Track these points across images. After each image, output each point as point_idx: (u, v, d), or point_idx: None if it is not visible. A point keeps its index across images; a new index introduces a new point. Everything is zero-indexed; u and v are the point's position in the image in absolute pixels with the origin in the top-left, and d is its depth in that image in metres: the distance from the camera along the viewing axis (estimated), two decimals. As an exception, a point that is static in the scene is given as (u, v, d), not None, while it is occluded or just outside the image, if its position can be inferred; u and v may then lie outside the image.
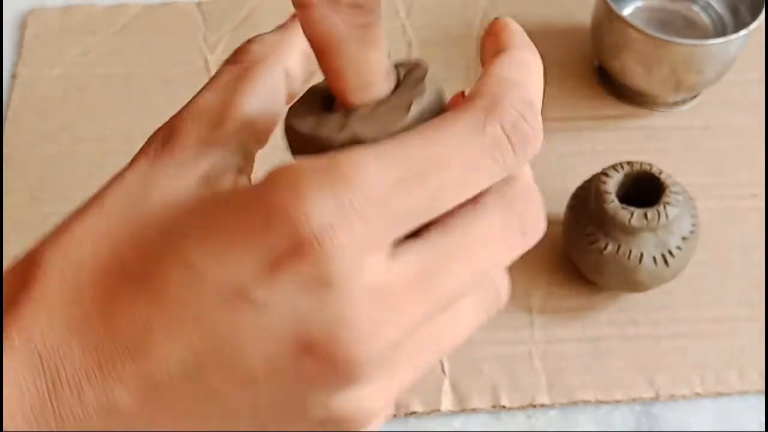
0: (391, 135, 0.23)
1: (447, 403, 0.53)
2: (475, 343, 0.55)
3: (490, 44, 0.27)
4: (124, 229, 0.23)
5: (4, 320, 0.23)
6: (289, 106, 0.26)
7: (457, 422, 0.53)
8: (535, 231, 0.25)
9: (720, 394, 0.54)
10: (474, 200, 0.24)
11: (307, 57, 0.28)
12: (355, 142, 0.24)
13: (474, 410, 0.53)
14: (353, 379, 0.22)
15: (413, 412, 0.53)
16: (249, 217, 0.22)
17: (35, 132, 0.65)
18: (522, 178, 0.25)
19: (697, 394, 0.54)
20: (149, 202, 0.24)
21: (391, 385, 0.24)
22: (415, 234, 0.23)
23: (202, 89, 0.27)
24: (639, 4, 0.69)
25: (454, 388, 0.54)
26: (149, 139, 0.26)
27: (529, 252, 0.64)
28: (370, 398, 0.23)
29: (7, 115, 0.66)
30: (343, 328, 0.21)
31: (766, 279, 0.58)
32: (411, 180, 0.22)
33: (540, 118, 0.24)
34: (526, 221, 0.25)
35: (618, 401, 0.54)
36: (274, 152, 0.28)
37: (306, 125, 0.25)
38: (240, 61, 0.28)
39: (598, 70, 0.69)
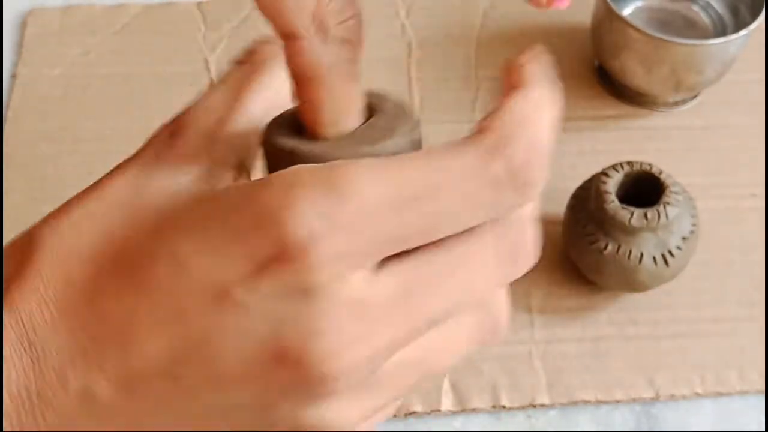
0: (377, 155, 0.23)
1: (447, 403, 0.53)
2: (475, 343, 0.55)
3: (509, 79, 0.26)
4: (120, 218, 0.24)
5: None
6: (266, 125, 0.26)
7: (457, 422, 0.53)
8: (527, 259, 0.25)
9: (720, 394, 0.54)
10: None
11: None
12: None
13: (474, 410, 0.53)
14: (323, 393, 0.22)
15: (413, 412, 0.53)
16: (239, 216, 0.22)
17: (35, 132, 0.65)
18: (521, 210, 0.25)
19: (697, 394, 0.54)
20: (148, 193, 0.24)
21: (367, 403, 0.24)
22: (403, 253, 0.23)
23: (211, 87, 0.28)
24: (639, 4, 0.69)
25: (454, 388, 0.54)
26: (156, 132, 0.26)
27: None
28: (341, 413, 0.23)
29: (7, 115, 0.66)
30: (316, 339, 0.21)
31: (766, 279, 0.58)
32: (405, 203, 0.22)
33: (547, 160, 0.24)
34: (518, 249, 0.25)
35: (618, 401, 0.54)
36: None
37: (290, 144, 0.25)
38: (249, 60, 0.28)
39: (598, 70, 0.69)
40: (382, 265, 0.22)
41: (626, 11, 0.68)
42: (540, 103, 0.25)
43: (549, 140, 0.24)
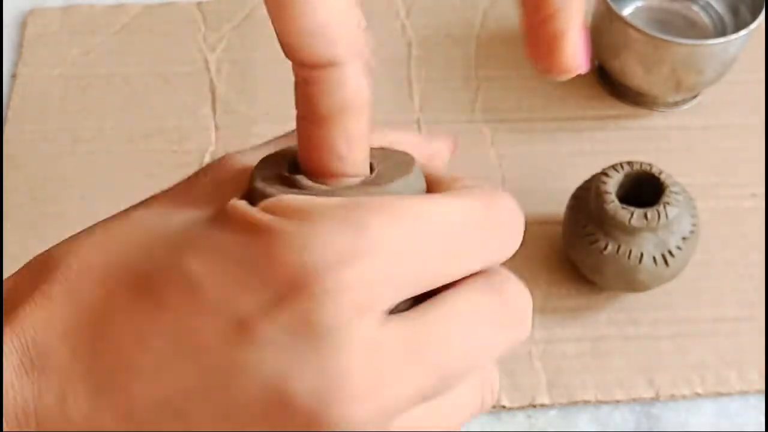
0: None
1: (447, 403, 0.53)
2: (475, 343, 0.55)
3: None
4: (139, 244, 0.23)
5: (5, 316, 0.22)
6: (254, 170, 0.25)
7: (457, 422, 0.53)
8: (525, 325, 0.25)
9: (720, 394, 0.54)
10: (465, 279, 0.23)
11: None
12: None
13: (474, 410, 0.53)
14: None
15: (413, 412, 0.53)
16: (258, 245, 0.21)
17: (35, 132, 0.65)
18: (510, 274, 0.25)
19: (697, 394, 0.54)
20: (173, 220, 0.23)
21: None
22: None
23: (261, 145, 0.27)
24: (639, 4, 0.69)
25: (454, 388, 0.54)
26: (197, 171, 0.26)
27: (529, 252, 0.64)
28: None
29: (7, 115, 0.66)
30: (329, 384, 0.20)
31: (766, 279, 0.58)
32: (424, 243, 0.21)
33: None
34: (518, 312, 0.24)
35: (618, 401, 0.54)
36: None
37: (270, 190, 0.23)
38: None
39: (598, 70, 0.69)
40: (390, 315, 0.21)
41: (626, 11, 0.68)
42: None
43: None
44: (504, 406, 0.53)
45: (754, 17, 0.62)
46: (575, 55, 0.24)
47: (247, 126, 0.65)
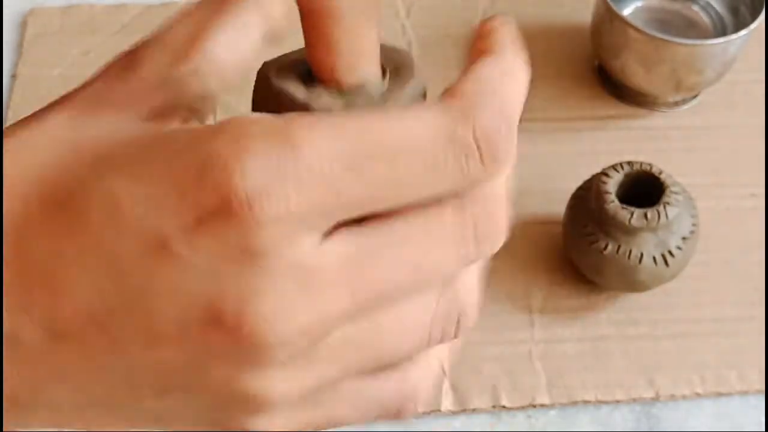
0: None
1: (447, 403, 0.53)
2: (475, 343, 0.55)
3: (479, 43, 0.24)
4: (56, 154, 0.22)
5: None
6: (264, 63, 0.24)
7: (457, 422, 0.53)
8: (492, 240, 0.23)
9: (720, 394, 0.54)
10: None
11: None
12: None
13: (474, 410, 0.53)
14: (258, 359, 0.21)
15: (413, 412, 0.53)
16: (183, 161, 0.20)
17: (35, 132, 0.65)
18: (489, 186, 0.23)
19: (697, 394, 0.54)
20: (91, 128, 0.22)
21: (308, 380, 0.22)
22: (354, 222, 0.21)
23: (174, 20, 0.25)
24: (639, 4, 0.69)
25: (454, 388, 0.54)
26: (109, 64, 0.24)
27: (529, 252, 0.64)
28: (279, 385, 0.22)
29: (7, 115, 0.66)
30: (255, 303, 0.20)
31: (766, 279, 0.58)
32: (362, 163, 0.20)
33: (515, 137, 0.22)
34: (481, 227, 0.23)
35: (618, 401, 0.54)
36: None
37: (299, 93, 0.23)
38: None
39: (598, 70, 0.69)
40: (332, 232, 0.21)
41: (626, 11, 0.68)
42: (511, 71, 0.24)
43: (517, 114, 0.23)
44: (504, 406, 0.53)
45: (754, 17, 0.62)
46: None
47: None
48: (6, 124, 0.66)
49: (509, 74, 0.24)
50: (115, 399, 0.23)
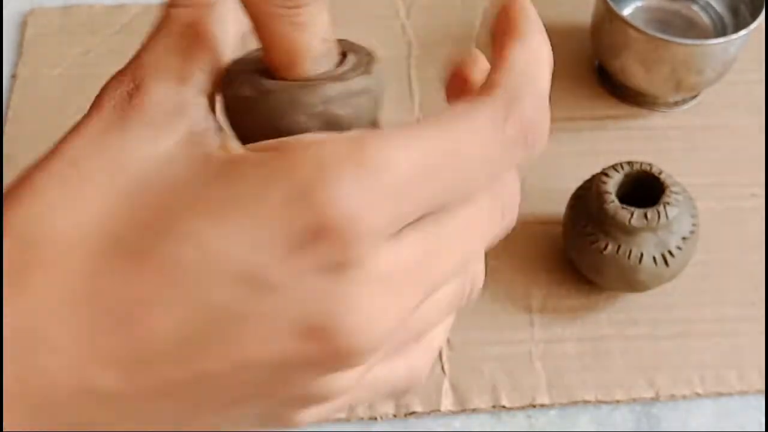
0: (327, 103, 0.23)
1: (447, 403, 0.53)
2: (475, 343, 0.55)
3: (504, 26, 0.26)
4: (108, 194, 0.22)
5: None
6: (231, 61, 0.25)
7: (457, 422, 0.53)
8: (512, 217, 0.25)
9: (720, 394, 0.54)
10: None
11: None
12: (331, 119, 0.24)
13: (474, 410, 0.53)
14: (348, 365, 0.22)
15: (413, 412, 0.53)
16: (269, 192, 0.21)
17: (35, 132, 0.65)
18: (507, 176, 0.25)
19: (697, 394, 0.54)
20: (133, 162, 0.22)
21: (378, 367, 0.24)
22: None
23: (154, 37, 0.26)
24: (639, 4, 0.69)
25: (454, 388, 0.54)
26: (107, 92, 0.25)
27: (529, 252, 0.64)
28: (349, 380, 0.23)
29: (7, 115, 0.66)
30: (350, 316, 0.21)
31: (766, 279, 0.58)
32: (433, 170, 0.21)
33: (547, 112, 0.24)
34: (507, 208, 0.25)
35: (618, 401, 0.54)
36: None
37: (246, 90, 0.24)
38: (188, 4, 0.26)
39: (598, 70, 0.69)
40: (398, 234, 0.22)
41: (626, 11, 0.68)
42: (540, 53, 0.25)
43: (548, 92, 0.25)
44: (504, 406, 0.53)
45: (754, 17, 0.62)
46: None
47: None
48: (6, 124, 0.66)
49: (539, 57, 0.25)
50: (182, 416, 0.23)
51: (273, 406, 0.23)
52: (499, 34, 0.26)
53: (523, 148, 0.23)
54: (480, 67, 0.27)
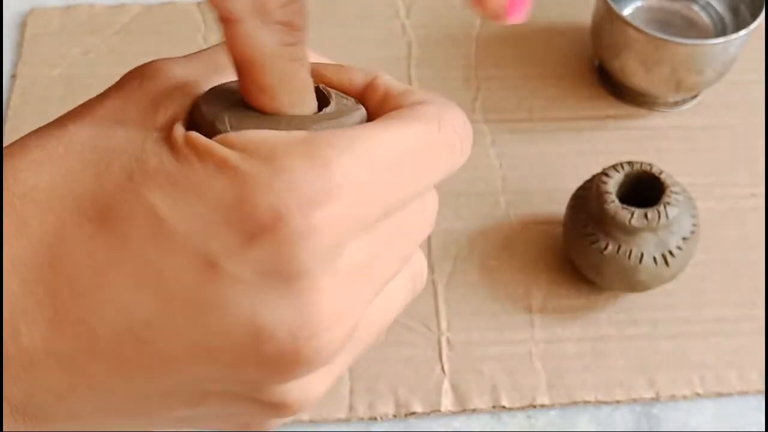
0: None
1: (447, 403, 0.53)
2: (475, 343, 0.55)
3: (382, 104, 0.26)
4: (84, 163, 0.22)
5: None
6: (202, 96, 0.25)
7: (457, 422, 0.53)
8: (435, 211, 0.26)
9: (720, 395, 0.54)
10: None
11: None
12: None
13: (474, 410, 0.53)
14: (308, 369, 0.22)
15: (413, 412, 0.53)
16: (225, 184, 0.21)
17: (35, 132, 0.65)
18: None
19: (697, 395, 0.54)
20: (115, 139, 0.23)
21: (336, 369, 0.24)
22: None
23: (192, 55, 0.27)
24: (639, 4, 0.69)
25: (454, 388, 0.54)
26: (131, 74, 0.26)
27: (529, 252, 0.64)
28: (314, 385, 0.23)
29: (7, 115, 0.66)
30: (307, 317, 0.21)
31: (766, 279, 0.58)
32: (384, 171, 0.22)
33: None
34: (433, 204, 0.26)
35: (618, 401, 0.54)
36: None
37: (226, 118, 0.24)
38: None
39: (598, 70, 0.69)
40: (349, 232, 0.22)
41: (626, 11, 0.68)
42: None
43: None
44: (504, 406, 0.53)
45: (754, 17, 0.62)
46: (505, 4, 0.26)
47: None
48: (6, 124, 0.66)
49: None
50: (146, 409, 0.23)
51: (244, 409, 0.23)
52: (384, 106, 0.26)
53: (457, 154, 0.24)
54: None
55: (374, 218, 0.22)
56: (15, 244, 0.21)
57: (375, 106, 0.26)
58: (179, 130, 0.23)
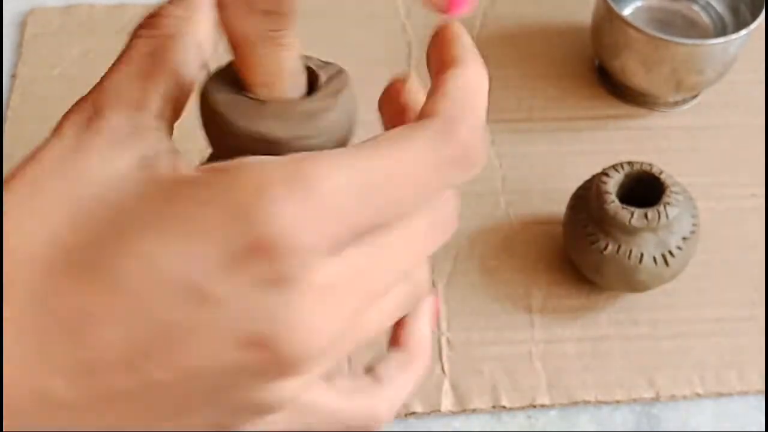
0: (301, 139, 0.26)
1: (447, 403, 0.53)
2: (475, 343, 0.55)
3: (439, 53, 0.27)
4: (61, 211, 0.23)
5: None
6: (209, 75, 0.27)
7: (457, 422, 0.53)
8: (451, 229, 0.26)
9: (720, 395, 0.54)
10: None
11: (216, 26, 0.28)
12: (266, 139, 0.26)
13: (474, 410, 0.53)
14: (292, 374, 0.23)
15: (413, 412, 0.53)
16: (209, 211, 0.22)
17: (35, 132, 0.65)
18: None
19: (697, 394, 0.54)
20: (87, 182, 0.23)
21: (318, 373, 0.25)
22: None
23: (116, 65, 0.27)
24: (639, 4, 0.69)
25: (454, 388, 0.54)
26: (68, 117, 0.26)
27: (529, 252, 0.64)
28: (297, 388, 0.24)
29: (7, 115, 0.66)
30: (291, 327, 0.22)
31: (766, 279, 0.58)
32: (368, 192, 0.22)
33: (487, 139, 0.25)
34: (446, 221, 0.26)
35: (618, 401, 0.54)
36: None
37: (223, 105, 0.27)
38: (152, 35, 0.27)
39: (598, 70, 0.69)
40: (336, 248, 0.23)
41: (626, 11, 0.68)
42: (476, 81, 0.26)
43: (485, 117, 0.26)
44: (504, 407, 0.53)
45: (754, 17, 0.62)
46: None
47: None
48: (6, 124, 0.66)
49: (476, 86, 0.26)
50: (133, 424, 0.24)
51: (222, 415, 0.24)
52: (434, 60, 0.27)
53: (460, 171, 0.24)
54: (412, 90, 0.29)
55: (357, 235, 0.23)
56: (6, 295, 0.22)
57: (392, 114, 0.27)
58: (162, 162, 0.24)
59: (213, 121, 0.27)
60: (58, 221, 0.23)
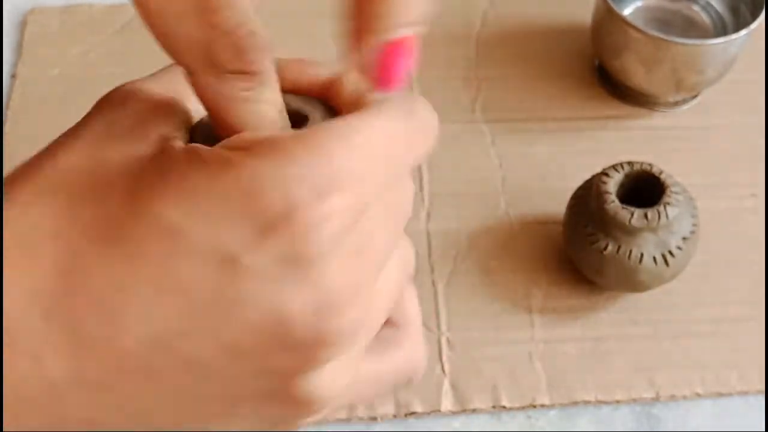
0: None
1: (447, 403, 0.53)
2: (475, 343, 0.55)
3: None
4: (83, 189, 0.23)
5: None
6: (191, 128, 0.26)
7: (457, 422, 0.53)
8: (410, 205, 0.27)
9: (720, 394, 0.54)
10: None
11: None
12: None
13: (474, 410, 0.53)
14: (333, 350, 0.23)
15: (413, 412, 0.53)
16: (233, 182, 0.22)
17: (35, 132, 0.65)
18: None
19: (697, 394, 0.54)
20: (109, 160, 0.23)
21: (353, 360, 0.24)
22: None
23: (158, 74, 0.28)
24: (639, 4, 0.69)
25: (454, 388, 0.54)
26: (101, 102, 0.26)
27: (529, 252, 0.64)
28: (337, 375, 0.24)
29: (7, 115, 0.66)
30: (327, 298, 0.22)
31: (766, 279, 0.58)
32: (378, 157, 0.23)
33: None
34: (408, 195, 0.27)
35: (618, 401, 0.54)
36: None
37: None
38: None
39: (598, 70, 0.69)
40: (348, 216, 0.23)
41: (626, 11, 0.68)
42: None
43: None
44: (504, 407, 0.53)
45: (754, 17, 0.62)
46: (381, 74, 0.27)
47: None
48: (6, 124, 0.66)
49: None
50: (180, 420, 0.23)
51: (275, 412, 0.24)
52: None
53: (429, 138, 0.25)
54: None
55: (371, 201, 0.23)
56: (29, 276, 0.21)
57: (345, 101, 0.27)
58: (178, 143, 0.24)
59: None
60: (77, 197, 0.23)
